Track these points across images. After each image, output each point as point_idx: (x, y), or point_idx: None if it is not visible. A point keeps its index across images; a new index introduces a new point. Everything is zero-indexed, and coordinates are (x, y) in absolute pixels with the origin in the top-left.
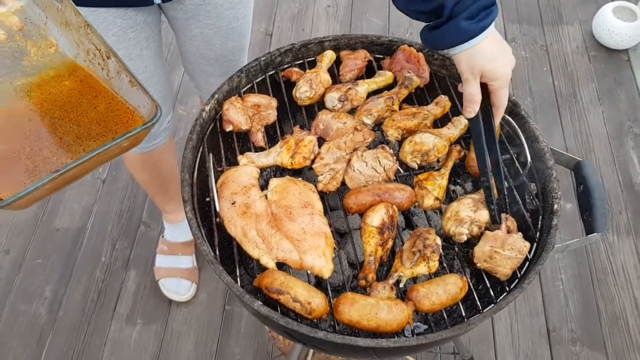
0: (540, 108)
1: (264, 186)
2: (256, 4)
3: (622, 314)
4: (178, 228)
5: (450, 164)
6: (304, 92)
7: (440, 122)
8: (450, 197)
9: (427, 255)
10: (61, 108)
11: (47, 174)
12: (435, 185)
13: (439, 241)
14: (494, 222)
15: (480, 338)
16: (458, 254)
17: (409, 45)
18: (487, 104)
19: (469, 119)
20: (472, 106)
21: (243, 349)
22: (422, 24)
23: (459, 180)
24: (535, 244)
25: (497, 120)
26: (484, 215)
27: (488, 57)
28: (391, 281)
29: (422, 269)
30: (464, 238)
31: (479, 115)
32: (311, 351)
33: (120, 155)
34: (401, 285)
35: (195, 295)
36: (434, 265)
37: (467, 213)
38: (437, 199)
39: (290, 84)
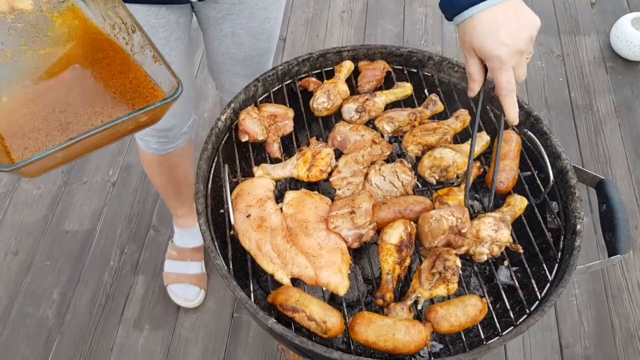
0: (556, 119)
1: (278, 197)
2: None
3: (637, 332)
4: (188, 233)
5: (469, 180)
6: (321, 103)
7: (460, 136)
8: (469, 212)
9: (447, 277)
10: (82, 78)
11: (62, 141)
12: (456, 201)
13: (459, 262)
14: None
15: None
16: (476, 272)
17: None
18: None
19: (470, 97)
20: (470, 84)
21: (251, 358)
22: (437, 30)
23: (477, 195)
24: (557, 265)
25: (504, 106)
26: (504, 235)
27: (480, 31)
28: (409, 302)
29: (441, 291)
30: (484, 258)
31: (480, 96)
32: None
33: (136, 158)
34: (419, 307)
35: (204, 302)
36: (454, 287)
37: (488, 232)
38: None
39: (307, 94)
